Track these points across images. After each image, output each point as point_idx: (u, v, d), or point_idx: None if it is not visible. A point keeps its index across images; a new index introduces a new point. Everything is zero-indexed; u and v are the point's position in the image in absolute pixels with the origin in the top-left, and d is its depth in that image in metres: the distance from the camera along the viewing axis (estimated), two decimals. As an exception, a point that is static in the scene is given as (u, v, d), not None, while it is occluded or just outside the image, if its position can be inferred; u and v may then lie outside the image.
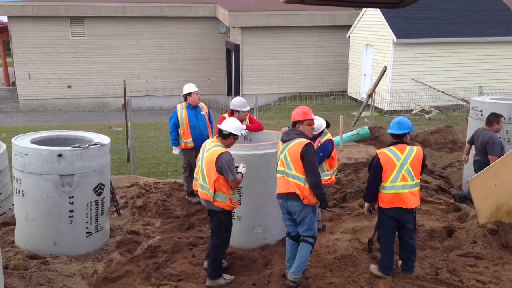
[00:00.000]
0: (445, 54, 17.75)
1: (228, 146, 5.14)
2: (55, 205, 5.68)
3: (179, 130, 7.46)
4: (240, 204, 5.48)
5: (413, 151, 4.93)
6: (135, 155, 10.64)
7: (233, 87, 22.42)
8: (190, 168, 7.58)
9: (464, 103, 16.97)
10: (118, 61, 22.18)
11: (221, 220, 5.16)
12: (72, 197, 5.71)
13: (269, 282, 5.09)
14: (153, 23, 22.22)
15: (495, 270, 5.14)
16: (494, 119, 7.09)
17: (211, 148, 5.05)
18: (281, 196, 4.95)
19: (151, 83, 22.83)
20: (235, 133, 5.11)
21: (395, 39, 17.11)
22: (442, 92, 17.26)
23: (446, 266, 5.28)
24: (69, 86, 22.19)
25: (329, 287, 4.93)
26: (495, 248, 5.54)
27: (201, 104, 7.62)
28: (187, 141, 7.44)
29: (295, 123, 5.02)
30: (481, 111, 8.02)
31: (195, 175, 5.35)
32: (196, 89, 7.48)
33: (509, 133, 7.76)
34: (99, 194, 5.95)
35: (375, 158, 5.01)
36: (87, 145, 5.84)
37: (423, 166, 5.04)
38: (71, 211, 5.75)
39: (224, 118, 6.79)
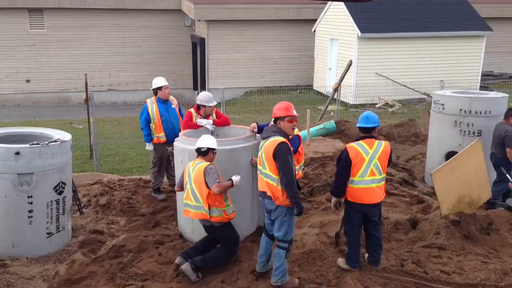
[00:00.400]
0: (407, 49, 18.11)
1: (210, 161, 5.18)
2: (13, 205, 5.46)
3: (150, 125, 7.31)
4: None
5: (381, 146, 4.96)
6: (98, 152, 10.36)
7: (199, 82, 22.20)
8: (160, 163, 7.45)
9: (426, 96, 17.39)
10: (80, 55, 21.54)
11: (225, 234, 5.18)
12: (31, 196, 5.49)
13: (238, 279, 5.05)
14: (116, 15, 21.68)
15: (458, 261, 5.27)
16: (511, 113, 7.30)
17: (195, 167, 5.11)
18: (260, 194, 4.87)
19: (114, 78, 22.30)
20: (214, 147, 5.20)
21: (359, 33, 17.31)
22: (405, 86, 17.62)
23: (411, 257, 5.38)
24: (28, 81, 21.41)
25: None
26: (457, 238, 5.67)
27: (171, 98, 7.52)
28: (160, 135, 7.31)
29: (276, 119, 4.83)
30: (442, 104, 8.21)
31: (184, 201, 5.25)
32: (166, 83, 7.38)
33: (469, 125, 7.96)
34: (60, 193, 5.75)
35: (344, 152, 4.96)
36: (46, 142, 5.62)
37: (390, 160, 5.09)
38: (30, 211, 5.53)
39: (190, 113, 6.69)
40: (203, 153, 5.19)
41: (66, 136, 5.99)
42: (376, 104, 17.64)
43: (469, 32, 18.48)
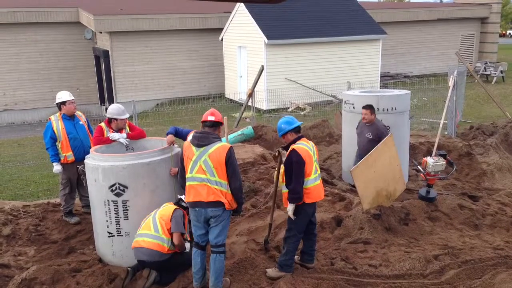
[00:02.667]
0: (312, 53, 18.79)
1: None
2: None
3: (57, 143, 6.69)
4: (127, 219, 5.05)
5: (312, 143, 5.02)
6: (-3, 177, 9.38)
7: (106, 96, 21.20)
8: (70, 185, 6.85)
9: (333, 98, 18.15)
10: (-33, 73, 19.62)
11: (180, 260, 5.06)
12: None
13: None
14: (7, 29, 20.06)
15: (383, 253, 5.43)
16: None
17: (165, 206, 5.13)
18: (199, 204, 4.57)
19: (10, 97, 20.58)
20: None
21: (266, 40, 17.63)
22: (313, 89, 18.24)
23: (339, 254, 5.44)
24: None
25: (231, 294, 4.75)
26: (380, 232, 5.86)
27: (78, 113, 6.94)
28: (67, 155, 6.70)
29: (213, 125, 4.66)
30: (353, 103, 8.50)
31: (139, 231, 5.01)
32: (71, 98, 6.76)
33: (378, 123, 8.33)
34: (-47, 228, 5.03)
35: (295, 154, 4.74)
36: None
37: None
38: None
39: (100, 127, 6.25)
40: (183, 208, 5.11)
41: (-43, 162, 5.28)
42: (288, 108, 18.05)
43: (367, 36, 19.65)
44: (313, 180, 4.87)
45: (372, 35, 19.76)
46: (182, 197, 5.14)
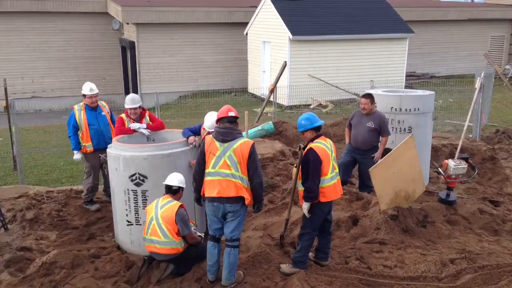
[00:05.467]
0: (337, 51, 18.65)
1: (179, 199, 5.10)
2: None
3: (78, 133, 6.84)
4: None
5: (331, 142, 5.02)
6: (23, 163, 9.64)
7: (131, 86, 21.50)
8: (92, 174, 6.99)
9: (356, 96, 17.98)
10: (-2, 60, 20.14)
11: (193, 252, 5.10)
12: None
13: (181, 289, 4.84)
14: (36, 18, 20.50)
15: (399, 254, 5.40)
16: None
17: (166, 205, 4.99)
18: (219, 199, 4.60)
19: (38, 84, 21.05)
20: (184, 186, 5.12)
21: (291, 36, 17.57)
22: (336, 87, 18.12)
23: (354, 254, 5.44)
24: None
25: (244, 286, 4.80)
26: (396, 233, 5.82)
27: (102, 104, 7.06)
28: (87, 145, 6.85)
29: (233, 121, 4.69)
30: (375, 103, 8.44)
31: (147, 237, 5.05)
32: (92, 93, 6.79)
33: (400, 122, 8.25)
34: (-20, 209, 5.22)
35: (312, 153, 4.75)
36: (-38, 154, 5.08)
37: None
38: None
39: (121, 118, 6.38)
40: (173, 191, 5.06)
41: (-15, 147, 5.46)
42: (310, 105, 17.99)
43: (394, 35, 19.38)
44: (330, 179, 4.87)
45: (399, 34, 19.48)
46: (168, 182, 5.10)
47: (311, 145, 4.86)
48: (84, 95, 6.84)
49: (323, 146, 4.85)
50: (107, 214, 6.70)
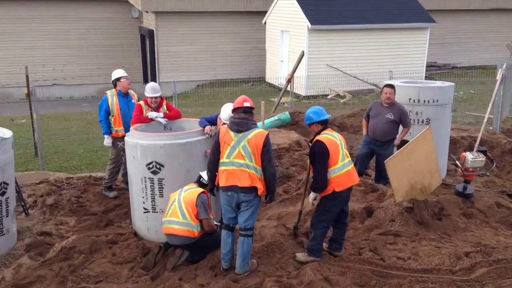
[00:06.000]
0: (356, 40, 18.43)
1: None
2: (-51, 209, 5.05)
3: (110, 117, 7.01)
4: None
5: (338, 134, 5.02)
6: (43, 149, 9.83)
7: (149, 75, 21.65)
8: (117, 161, 7.14)
9: (374, 87, 17.80)
10: (20, 48, 20.45)
11: (208, 240, 5.17)
12: (-30, 199, 5.10)
13: (197, 276, 4.93)
14: (57, 6, 20.71)
15: (413, 247, 5.39)
16: None
17: (189, 189, 5.19)
18: (233, 188, 4.66)
19: (59, 71, 21.34)
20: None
21: (309, 25, 17.43)
22: (355, 77, 17.95)
23: (368, 245, 5.45)
24: (-35, 75, 20.14)
25: (258, 275, 4.86)
26: (411, 225, 5.81)
27: (131, 92, 7.27)
28: (119, 129, 7.02)
29: (248, 111, 4.73)
30: (393, 94, 8.36)
31: (167, 218, 5.18)
32: (125, 74, 7.14)
33: (418, 114, 8.16)
34: (2, 194, 5.38)
35: (319, 145, 4.78)
36: (-15, 141, 5.23)
37: None
38: (-30, 215, 5.14)
39: (140, 106, 6.47)
40: (202, 184, 5.24)
41: (7, 133, 5.60)
42: (328, 95, 17.88)
43: (414, 24, 19.06)
44: (341, 167, 4.86)
45: (420, 23, 19.14)
46: (203, 174, 5.25)
47: (318, 137, 4.89)
48: (118, 79, 7.03)
49: (330, 136, 4.87)
50: (124, 201, 6.83)
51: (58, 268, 5.02)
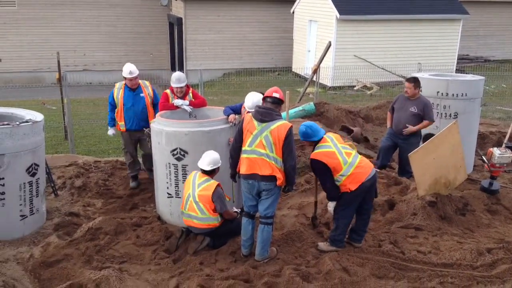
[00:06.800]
0: (385, 31, 18.14)
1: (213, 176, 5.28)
2: (-17, 187, 5.27)
3: (115, 110, 7.02)
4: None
5: (331, 135, 5.04)
6: (73, 133, 10.11)
7: (177, 62, 21.85)
8: (127, 150, 7.17)
9: (402, 79, 17.52)
10: (52, 33, 20.93)
11: (231, 228, 5.28)
12: (3, 178, 5.32)
13: (217, 261, 5.03)
14: (89, -7, 21.08)
15: (434, 241, 5.35)
16: None
17: (203, 184, 5.15)
18: (254, 176, 4.72)
19: (89, 57, 21.77)
20: (218, 165, 5.26)
21: (338, 15, 17.24)
22: (382, 68, 17.71)
23: (388, 238, 5.43)
24: (-1, 60, 20.75)
25: (277, 262, 4.93)
26: (433, 219, 5.76)
27: (144, 84, 7.02)
28: (120, 124, 6.99)
29: (276, 102, 4.74)
30: (420, 87, 8.24)
31: (186, 211, 5.25)
32: (131, 75, 6.74)
33: (446, 108, 8.03)
34: (33, 175, 5.59)
35: (315, 164, 4.86)
36: (17, 123, 5.42)
37: None
38: (2, 193, 5.37)
39: (166, 94, 6.55)
40: (208, 172, 5.20)
41: (38, 117, 5.80)
42: (355, 86, 17.71)
43: (446, 16, 18.62)
44: (347, 169, 4.81)
45: (453, 15, 18.69)
46: (202, 166, 5.24)
47: (312, 155, 4.92)
48: (125, 78, 6.84)
49: (324, 149, 4.85)
50: (149, 186, 6.97)
51: (85, 248, 5.20)
